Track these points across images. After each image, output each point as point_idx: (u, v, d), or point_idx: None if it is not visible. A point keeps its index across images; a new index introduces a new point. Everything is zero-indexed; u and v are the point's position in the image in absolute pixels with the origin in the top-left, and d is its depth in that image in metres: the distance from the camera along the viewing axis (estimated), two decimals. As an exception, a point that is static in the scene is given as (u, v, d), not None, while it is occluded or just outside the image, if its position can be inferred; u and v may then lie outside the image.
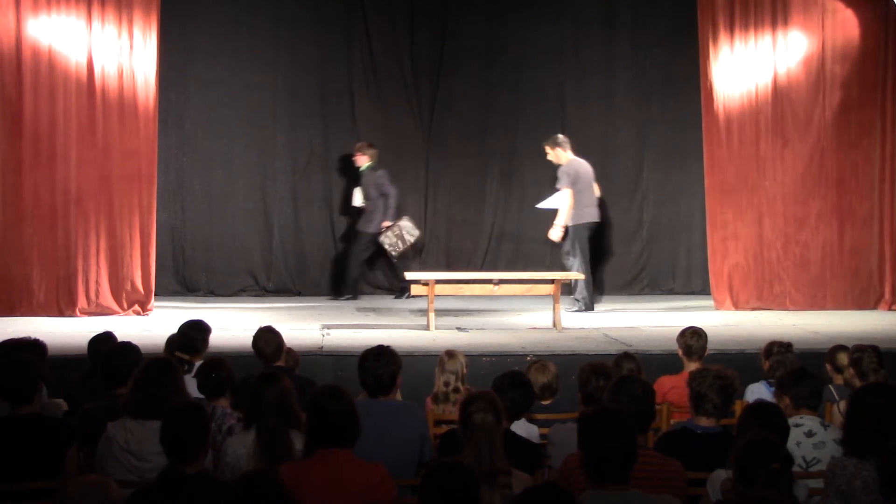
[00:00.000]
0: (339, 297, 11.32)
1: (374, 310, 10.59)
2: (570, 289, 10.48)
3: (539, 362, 5.97)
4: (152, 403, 4.45)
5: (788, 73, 10.83)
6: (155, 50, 9.91)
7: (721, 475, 4.07)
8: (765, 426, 4.15)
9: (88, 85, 9.75)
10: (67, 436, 4.59)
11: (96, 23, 9.76)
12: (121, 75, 9.83)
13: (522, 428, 5.12)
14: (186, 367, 5.62)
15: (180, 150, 11.49)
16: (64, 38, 9.70)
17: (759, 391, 5.96)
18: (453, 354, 5.93)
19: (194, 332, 6.32)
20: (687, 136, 11.81)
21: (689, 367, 6.20)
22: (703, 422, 4.77)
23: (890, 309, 10.83)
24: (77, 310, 9.67)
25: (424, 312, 9.43)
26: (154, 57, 9.91)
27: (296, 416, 4.50)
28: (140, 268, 9.92)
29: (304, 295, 11.60)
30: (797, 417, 4.82)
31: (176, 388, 4.60)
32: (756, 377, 6.20)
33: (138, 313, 9.85)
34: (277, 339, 6.18)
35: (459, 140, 12.02)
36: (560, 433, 4.96)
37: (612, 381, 4.62)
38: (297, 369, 6.53)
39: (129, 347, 5.53)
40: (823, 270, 10.90)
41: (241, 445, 4.51)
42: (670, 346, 6.95)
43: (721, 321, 9.78)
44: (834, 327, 9.41)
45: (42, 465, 4.44)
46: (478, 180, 12.11)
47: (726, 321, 9.86)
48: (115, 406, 4.76)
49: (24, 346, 5.76)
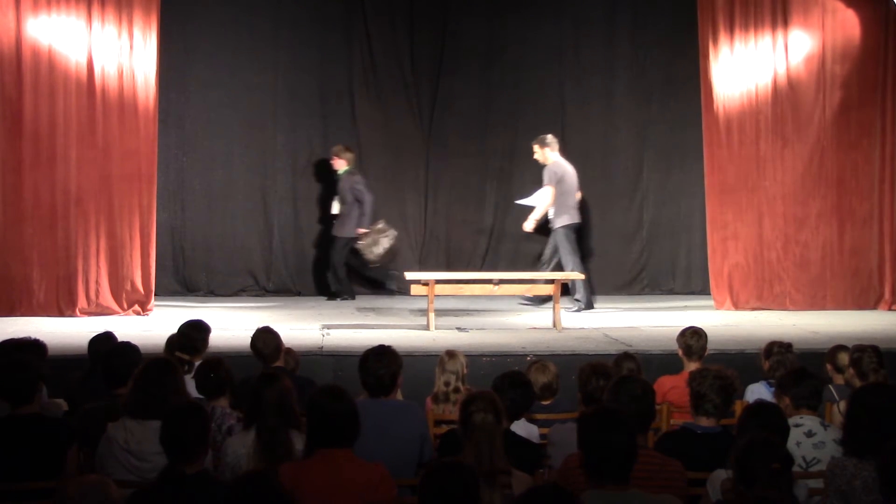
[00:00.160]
0: (334, 298, 11.28)
1: (374, 310, 10.59)
2: (567, 289, 10.49)
3: (539, 362, 5.98)
4: (152, 403, 4.45)
5: (788, 73, 10.83)
6: (155, 50, 9.91)
7: (721, 475, 4.07)
8: (765, 426, 4.15)
9: (88, 85, 9.75)
10: (67, 436, 4.58)
11: (96, 23, 9.76)
12: (121, 75, 9.83)
13: (522, 428, 5.12)
14: (186, 368, 5.62)
15: (180, 150, 11.49)
16: (64, 38, 9.70)
17: (759, 391, 5.96)
18: (454, 354, 5.94)
19: (194, 332, 6.32)
20: (687, 136, 11.82)
21: (689, 367, 6.20)
22: (703, 422, 4.77)
23: (890, 309, 10.83)
24: (77, 310, 9.68)
25: (424, 312, 9.43)
26: (154, 57, 9.91)
27: (296, 416, 4.50)
28: (140, 268, 9.93)
29: (304, 295, 11.60)
30: (797, 417, 4.82)
31: (176, 388, 4.60)
32: (756, 377, 6.20)
33: (138, 313, 9.85)
34: (276, 339, 6.17)
35: (459, 140, 12.02)
36: (560, 433, 4.96)
37: (612, 381, 4.63)
38: (297, 370, 6.53)
39: (128, 347, 5.54)
40: (823, 270, 10.90)
41: (241, 445, 4.51)
42: (670, 346, 6.95)
43: (721, 321, 9.78)
44: (834, 327, 9.42)
45: (42, 465, 4.44)
46: (478, 180, 12.11)
47: (726, 321, 9.86)
48: (115, 406, 4.76)
49: (24, 346, 5.76)
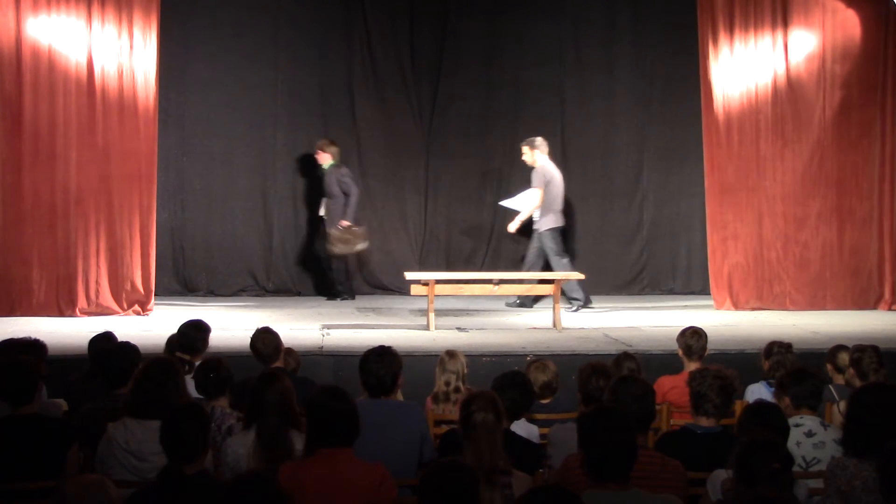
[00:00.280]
0: (334, 298, 11.26)
1: (374, 310, 10.59)
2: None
3: (539, 361, 6.02)
4: (153, 403, 4.45)
5: (788, 73, 10.83)
6: (155, 50, 9.91)
7: (721, 475, 4.07)
8: (765, 426, 4.16)
9: (88, 85, 9.75)
10: (67, 436, 4.58)
11: (96, 23, 9.76)
12: (121, 75, 9.83)
13: (522, 428, 5.13)
14: (187, 368, 5.62)
15: (180, 150, 11.47)
16: (64, 38, 9.70)
17: (759, 391, 5.96)
18: (454, 354, 5.94)
19: (194, 332, 6.32)
20: (687, 136, 11.81)
21: (689, 367, 6.20)
22: (703, 422, 4.77)
23: (890, 309, 10.83)
24: (77, 310, 9.68)
25: (424, 312, 9.43)
26: (154, 57, 9.91)
27: (296, 416, 4.51)
28: (140, 268, 9.92)
29: (304, 295, 11.59)
30: (797, 417, 4.82)
31: (177, 388, 4.60)
32: (756, 377, 6.21)
33: (138, 313, 9.85)
34: (275, 339, 6.17)
35: (459, 140, 12.01)
36: (560, 433, 4.96)
37: (612, 381, 4.63)
38: (298, 371, 6.54)
39: (128, 347, 5.54)
40: (823, 270, 10.90)
41: (241, 445, 4.51)
42: (670, 346, 6.96)
43: (721, 321, 9.78)
44: (834, 327, 9.42)
45: (42, 465, 4.44)
46: (478, 180, 12.11)
47: (726, 321, 9.86)
48: (116, 406, 4.77)
49: (24, 346, 5.76)
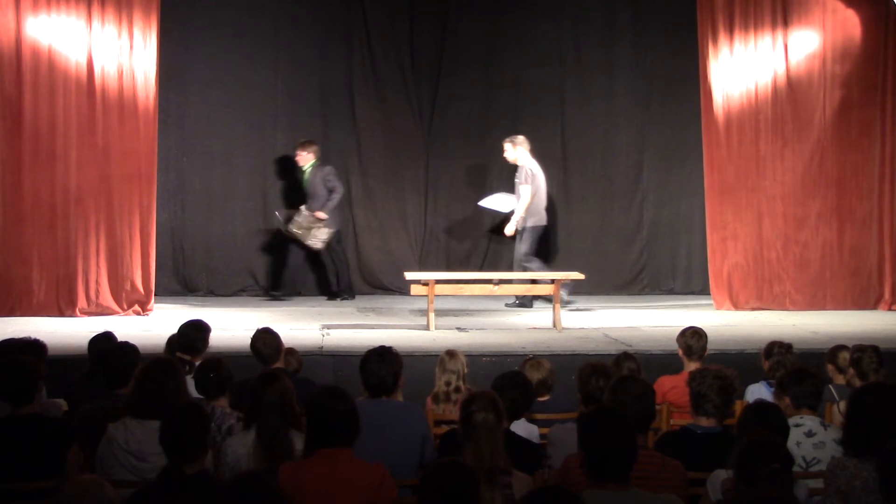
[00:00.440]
0: (335, 298, 11.25)
1: (374, 310, 10.59)
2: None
3: (533, 359, 6.07)
4: (153, 403, 4.45)
5: (788, 73, 10.83)
6: (155, 50, 9.91)
7: (721, 475, 4.08)
8: (765, 426, 4.16)
9: (88, 85, 9.75)
10: (68, 436, 4.58)
11: (96, 23, 9.76)
12: (121, 75, 9.83)
13: (522, 428, 5.12)
14: (187, 368, 5.62)
15: (180, 150, 11.47)
16: (64, 38, 9.70)
17: (759, 391, 5.96)
18: (454, 354, 5.95)
19: (194, 332, 6.32)
20: (687, 136, 11.81)
21: (689, 367, 6.19)
22: (703, 422, 4.77)
23: (890, 309, 10.82)
24: (77, 310, 9.68)
25: (424, 312, 9.43)
26: (154, 57, 9.91)
27: (296, 416, 4.51)
28: (140, 268, 9.93)
29: (304, 295, 11.59)
30: (797, 417, 4.82)
31: (177, 388, 4.60)
32: (756, 377, 6.21)
33: (138, 313, 9.85)
34: (276, 339, 6.17)
35: (459, 140, 12.01)
36: (560, 433, 4.96)
37: (612, 381, 4.63)
38: (301, 370, 6.54)
39: (128, 347, 5.54)
40: (823, 270, 10.90)
41: (241, 445, 4.51)
42: (670, 346, 6.96)
43: (721, 321, 9.77)
44: (834, 327, 9.42)
45: (43, 465, 4.43)
46: (478, 180, 12.11)
47: (726, 321, 9.86)
48: (116, 406, 4.77)
49: (24, 346, 5.76)
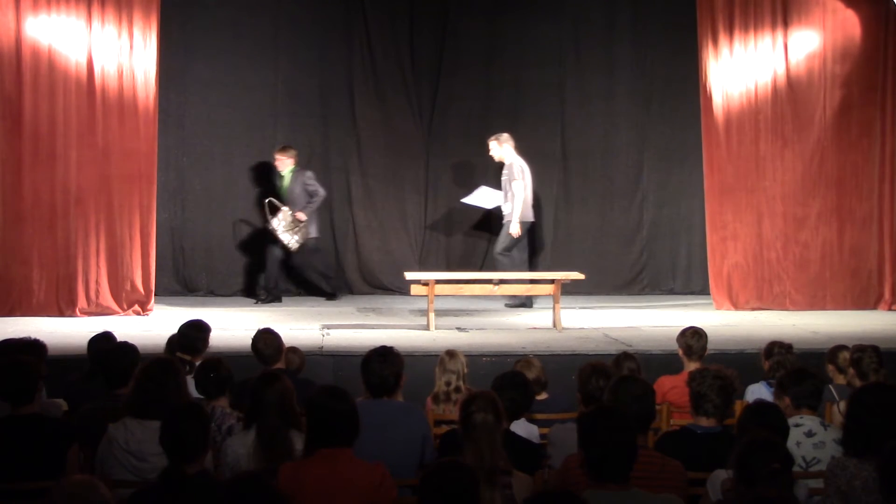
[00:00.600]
0: (333, 298, 11.20)
1: (374, 310, 10.59)
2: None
3: (522, 360, 6.12)
4: (153, 403, 4.45)
5: (788, 73, 10.83)
6: (155, 50, 9.91)
7: (721, 475, 4.08)
8: (765, 426, 4.16)
9: (88, 85, 9.75)
10: (68, 436, 4.58)
11: (96, 23, 9.76)
12: (121, 75, 9.83)
13: (522, 428, 5.12)
14: (188, 368, 5.62)
15: (180, 150, 11.48)
16: (64, 38, 9.70)
17: (759, 391, 5.96)
18: (454, 354, 5.95)
19: (194, 332, 6.32)
20: (687, 136, 11.81)
21: (689, 367, 6.19)
22: (703, 422, 4.77)
23: (890, 309, 10.82)
24: (77, 310, 9.68)
25: (424, 312, 9.43)
26: (154, 57, 9.91)
27: (296, 416, 4.51)
28: (140, 268, 9.92)
29: (304, 295, 11.59)
30: (797, 417, 4.82)
31: (177, 388, 4.60)
32: (756, 377, 6.21)
33: (138, 313, 9.85)
34: (277, 340, 6.18)
35: (459, 140, 12.01)
36: (560, 433, 4.96)
37: (612, 381, 4.63)
38: (303, 368, 6.55)
39: (128, 347, 5.54)
40: (823, 270, 10.89)
41: (241, 445, 4.51)
42: (670, 346, 6.96)
43: (721, 321, 9.77)
44: (834, 327, 9.42)
45: (43, 465, 4.43)
46: (478, 180, 12.10)
47: (726, 321, 9.86)
48: (116, 406, 4.77)
49: (24, 346, 5.75)
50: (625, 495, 3.66)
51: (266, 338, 6.16)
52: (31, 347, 5.75)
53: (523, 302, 10.78)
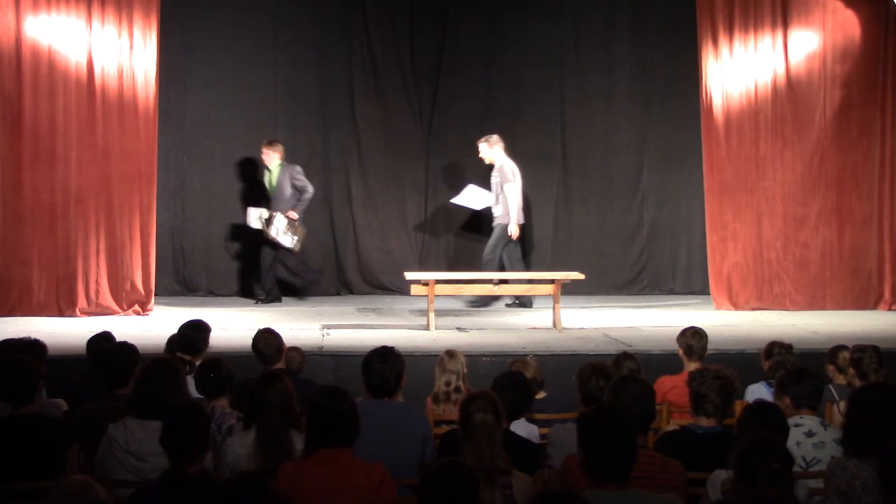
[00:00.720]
0: (299, 297, 11.11)
1: (374, 310, 10.59)
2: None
3: (518, 361, 6.14)
4: (153, 403, 4.45)
5: (788, 73, 10.82)
6: (155, 50, 9.91)
7: (721, 475, 4.08)
8: (765, 426, 4.16)
9: (88, 85, 9.76)
10: (68, 436, 4.58)
11: (96, 23, 9.76)
12: (121, 75, 9.83)
13: (522, 428, 5.13)
14: (188, 368, 5.62)
15: (180, 150, 11.48)
16: (64, 38, 9.70)
17: (758, 392, 5.96)
18: (453, 354, 5.95)
19: (194, 332, 6.32)
20: (687, 136, 11.80)
21: (690, 367, 6.19)
22: (703, 422, 4.77)
23: (890, 309, 10.82)
24: (77, 310, 9.68)
25: (424, 312, 9.43)
26: (154, 57, 9.91)
27: (296, 416, 4.51)
28: (140, 268, 9.93)
29: (304, 295, 11.58)
30: (797, 417, 4.82)
31: (177, 388, 4.60)
32: (756, 377, 6.21)
33: (138, 313, 9.85)
34: (277, 340, 6.18)
35: (459, 140, 11.99)
36: (560, 433, 4.96)
37: (612, 381, 4.63)
38: (304, 368, 6.55)
39: (127, 347, 5.54)
40: (823, 270, 10.89)
41: (241, 445, 4.51)
42: (670, 346, 6.96)
43: (721, 321, 9.77)
44: (834, 327, 9.42)
45: (43, 465, 4.43)
46: (477, 180, 12.09)
47: (726, 321, 9.86)
48: (116, 406, 4.77)
49: (23, 346, 5.76)
50: (625, 495, 3.66)
51: (267, 337, 6.16)
52: (31, 347, 5.75)
53: (523, 302, 10.76)
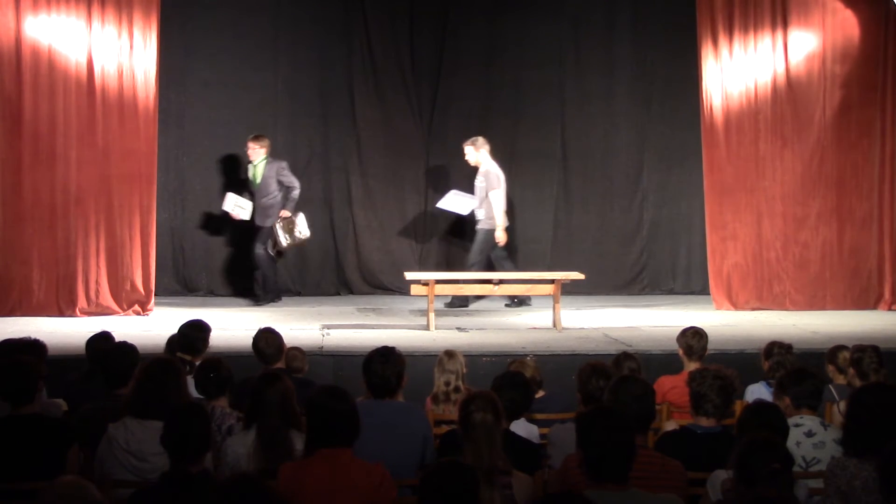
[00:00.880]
0: (260, 302, 10.87)
1: (374, 310, 10.59)
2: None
3: (515, 361, 6.15)
4: (154, 403, 4.45)
5: (788, 73, 10.82)
6: (155, 50, 9.91)
7: (721, 475, 4.08)
8: (765, 426, 4.16)
9: (88, 85, 9.76)
10: (68, 436, 4.59)
11: (96, 23, 9.76)
12: (121, 75, 9.83)
13: (522, 428, 5.13)
14: (188, 368, 5.62)
15: (180, 150, 11.47)
16: (64, 38, 9.70)
17: (758, 392, 5.96)
18: (453, 354, 5.96)
19: (194, 332, 6.33)
20: (687, 136, 11.79)
21: (690, 367, 6.19)
22: (703, 422, 4.77)
23: (890, 309, 10.82)
24: (77, 310, 9.68)
25: (424, 312, 9.43)
26: (154, 57, 9.91)
27: (296, 416, 4.51)
28: (140, 268, 9.93)
29: (305, 295, 11.59)
30: (797, 417, 4.82)
31: (178, 388, 4.60)
32: (756, 377, 6.21)
33: (138, 313, 9.85)
34: (278, 339, 6.18)
35: (459, 140, 11.94)
36: (560, 433, 4.97)
37: (612, 381, 4.63)
38: (305, 368, 6.55)
39: (127, 347, 5.54)
40: (823, 270, 10.89)
41: (241, 445, 4.51)
42: (670, 346, 6.96)
43: (721, 321, 9.77)
44: (834, 327, 9.42)
45: (43, 465, 4.43)
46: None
47: (726, 321, 9.86)
48: (116, 406, 4.77)
49: (23, 346, 5.76)
50: (624, 495, 3.66)
51: (267, 337, 6.17)
52: (31, 347, 5.76)
53: (522, 301, 10.73)
